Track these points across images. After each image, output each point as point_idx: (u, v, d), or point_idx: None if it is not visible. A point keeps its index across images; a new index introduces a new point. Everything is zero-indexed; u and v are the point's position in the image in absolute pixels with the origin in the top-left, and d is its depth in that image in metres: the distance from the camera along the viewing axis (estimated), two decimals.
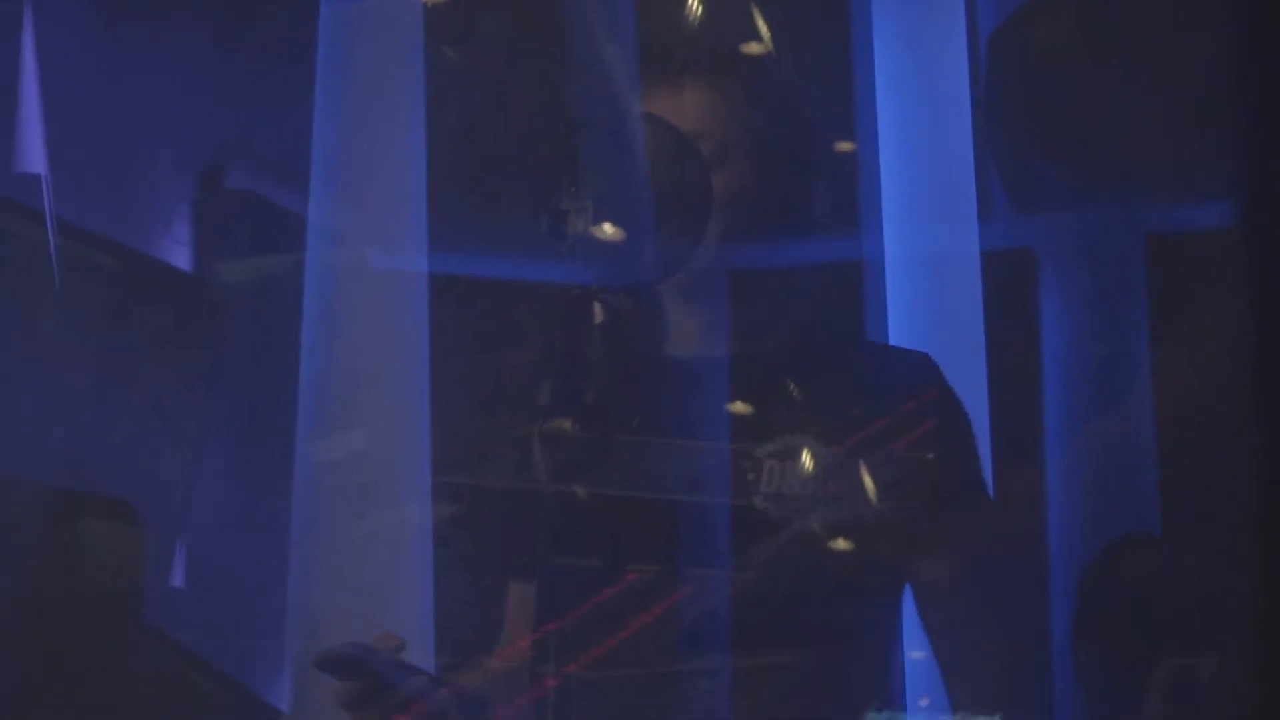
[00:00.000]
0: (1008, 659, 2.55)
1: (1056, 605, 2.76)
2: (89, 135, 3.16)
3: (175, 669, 2.67)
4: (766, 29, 2.79)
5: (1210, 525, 2.64)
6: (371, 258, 3.01)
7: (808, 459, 2.48)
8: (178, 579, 3.05)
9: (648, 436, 2.40)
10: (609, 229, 2.34)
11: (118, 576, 2.47)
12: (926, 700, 2.56)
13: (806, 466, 2.48)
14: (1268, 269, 2.69)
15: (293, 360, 2.98)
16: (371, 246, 3.02)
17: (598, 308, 2.30)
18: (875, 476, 2.49)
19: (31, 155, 3.10)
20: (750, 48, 2.84)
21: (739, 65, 2.75)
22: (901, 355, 2.75)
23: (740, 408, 2.55)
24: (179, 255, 3.25)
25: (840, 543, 2.48)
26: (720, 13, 2.88)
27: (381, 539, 2.62)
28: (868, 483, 2.51)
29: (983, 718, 2.50)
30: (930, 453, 2.49)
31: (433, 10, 3.12)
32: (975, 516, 2.57)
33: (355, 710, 2.23)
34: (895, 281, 2.99)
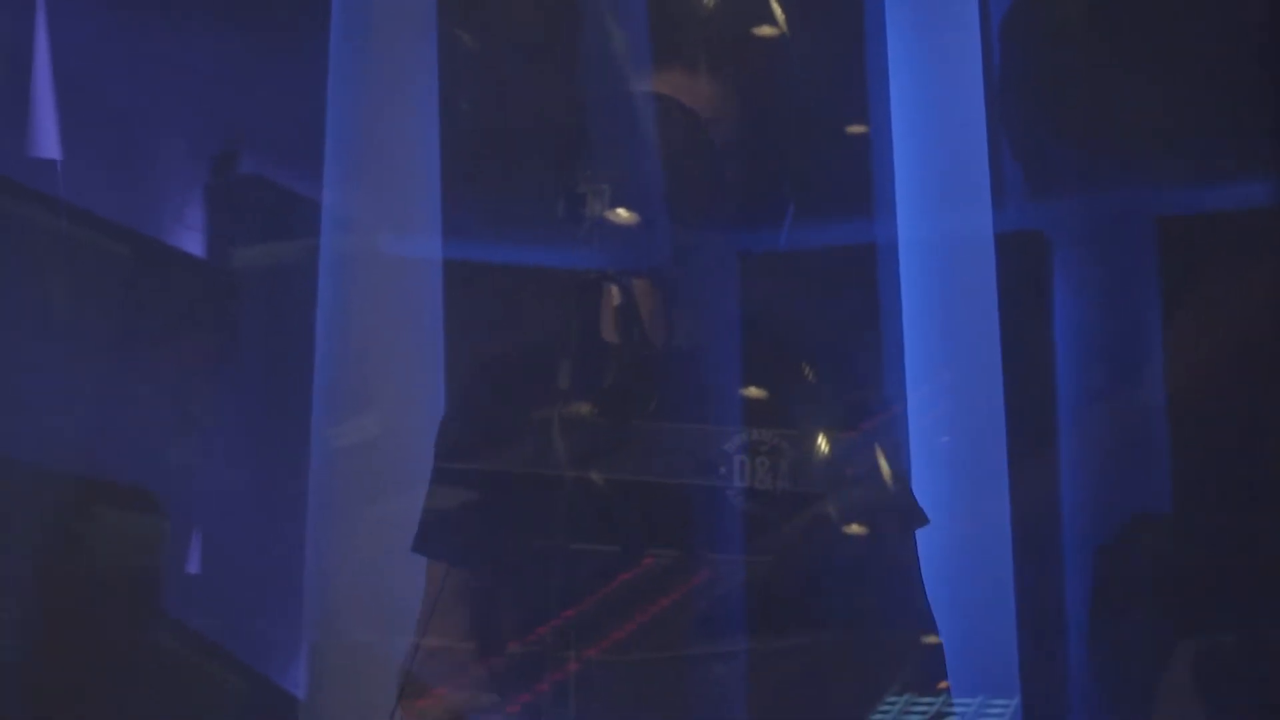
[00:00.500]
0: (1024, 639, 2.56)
1: (1072, 584, 2.76)
2: (101, 121, 3.16)
3: (191, 656, 2.68)
4: (781, 12, 2.78)
5: (1224, 504, 2.65)
6: (385, 243, 3.01)
7: (823, 442, 2.48)
8: (193, 566, 3.05)
9: (665, 421, 2.40)
10: (625, 213, 2.34)
11: (134, 564, 2.47)
12: (946, 685, 2.56)
13: (821, 450, 2.48)
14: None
15: (307, 346, 2.98)
16: (385, 232, 3.02)
17: (615, 291, 2.30)
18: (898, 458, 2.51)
19: (44, 141, 3.10)
20: (764, 30, 2.84)
21: (754, 48, 2.74)
22: None
23: (755, 392, 2.55)
24: (192, 241, 3.25)
25: (855, 526, 2.48)
26: None
27: (397, 524, 2.61)
28: (884, 465, 2.52)
29: (1000, 701, 2.51)
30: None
31: None
32: None
33: None
34: (909, 265, 2.99)
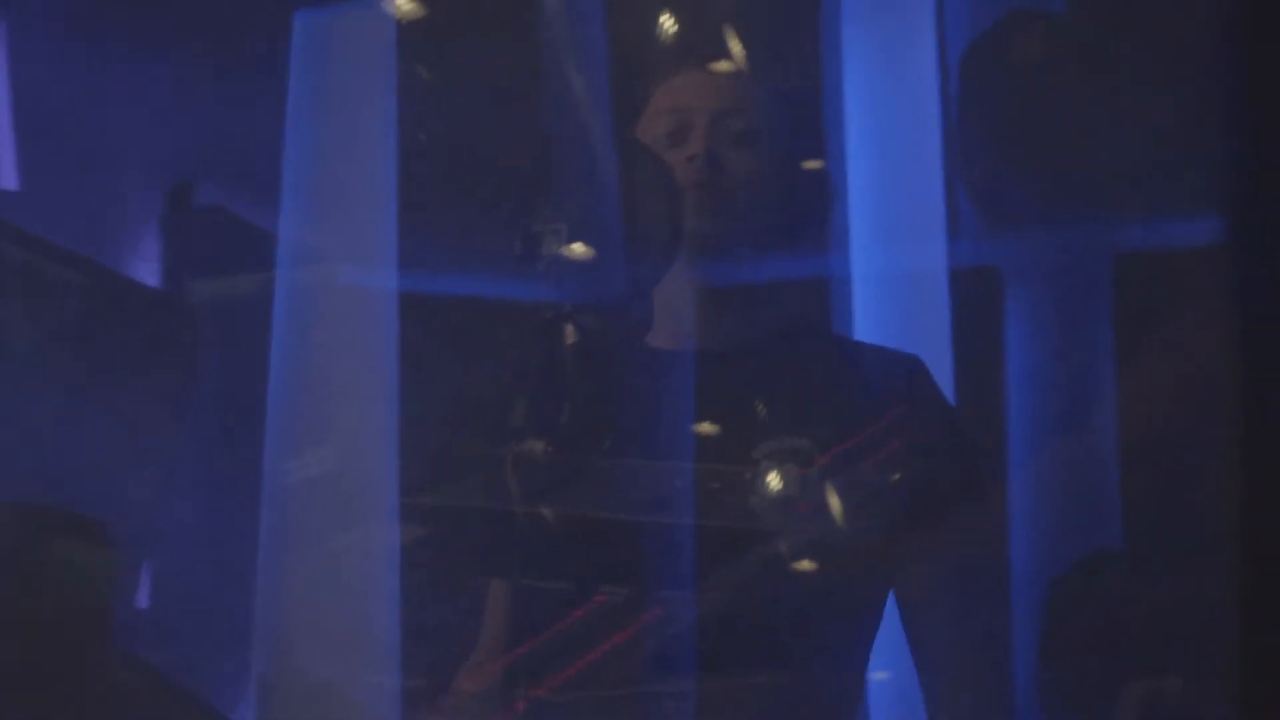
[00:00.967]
0: (983, 673, 2.56)
1: (1023, 621, 2.77)
2: (59, 150, 3.16)
3: (143, 689, 2.66)
4: (738, 48, 2.80)
5: (1176, 541, 2.65)
6: (342, 275, 3.01)
7: (792, 471, 2.49)
8: (146, 598, 3.05)
9: (621, 457, 2.41)
10: (582, 249, 2.35)
11: (86, 596, 2.46)
12: None
13: (789, 479, 2.48)
14: (1238, 286, 2.71)
15: (262, 378, 2.97)
16: (342, 264, 3.02)
17: (571, 328, 2.30)
18: (853, 493, 2.50)
19: (1, 170, 3.10)
20: (722, 67, 2.85)
21: (712, 85, 2.75)
22: (888, 357, 2.72)
23: (708, 428, 2.55)
24: (148, 272, 3.24)
25: (812, 562, 2.48)
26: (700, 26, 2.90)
27: (350, 558, 2.62)
28: (841, 501, 2.52)
29: None
30: (911, 466, 2.49)
31: (406, 26, 3.12)
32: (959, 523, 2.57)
33: None
34: (863, 298, 3.00)
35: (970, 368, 2.89)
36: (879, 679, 2.61)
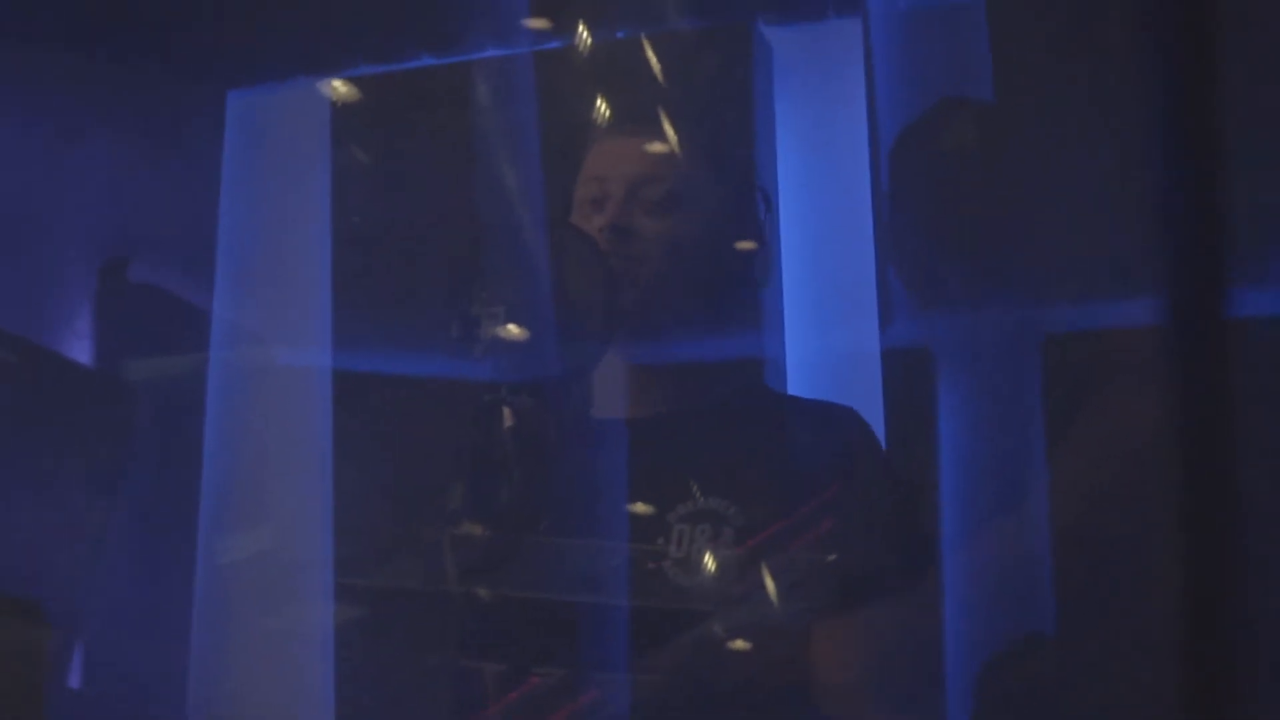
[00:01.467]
0: None
1: (953, 706, 2.77)
2: None
3: None
4: (671, 131, 2.81)
5: (1109, 626, 2.66)
6: (276, 355, 3.01)
7: (709, 560, 2.49)
8: (78, 678, 3.02)
9: (558, 536, 2.40)
10: (517, 330, 2.35)
11: (20, 675, 2.44)
12: None
13: (723, 560, 2.48)
14: (1170, 368, 2.73)
15: (196, 457, 2.96)
16: (277, 344, 3.02)
17: (508, 411, 2.30)
18: (787, 573, 2.50)
19: None
20: (656, 148, 2.87)
21: (645, 164, 2.76)
22: (825, 412, 2.70)
23: (642, 508, 2.55)
24: (81, 350, 3.23)
25: (742, 642, 2.48)
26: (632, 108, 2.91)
27: (284, 639, 2.60)
28: (775, 582, 2.52)
29: None
30: (838, 548, 2.49)
31: (340, 108, 3.12)
32: (879, 613, 2.56)
33: None
34: (796, 379, 3.01)
35: (902, 449, 2.90)
36: None
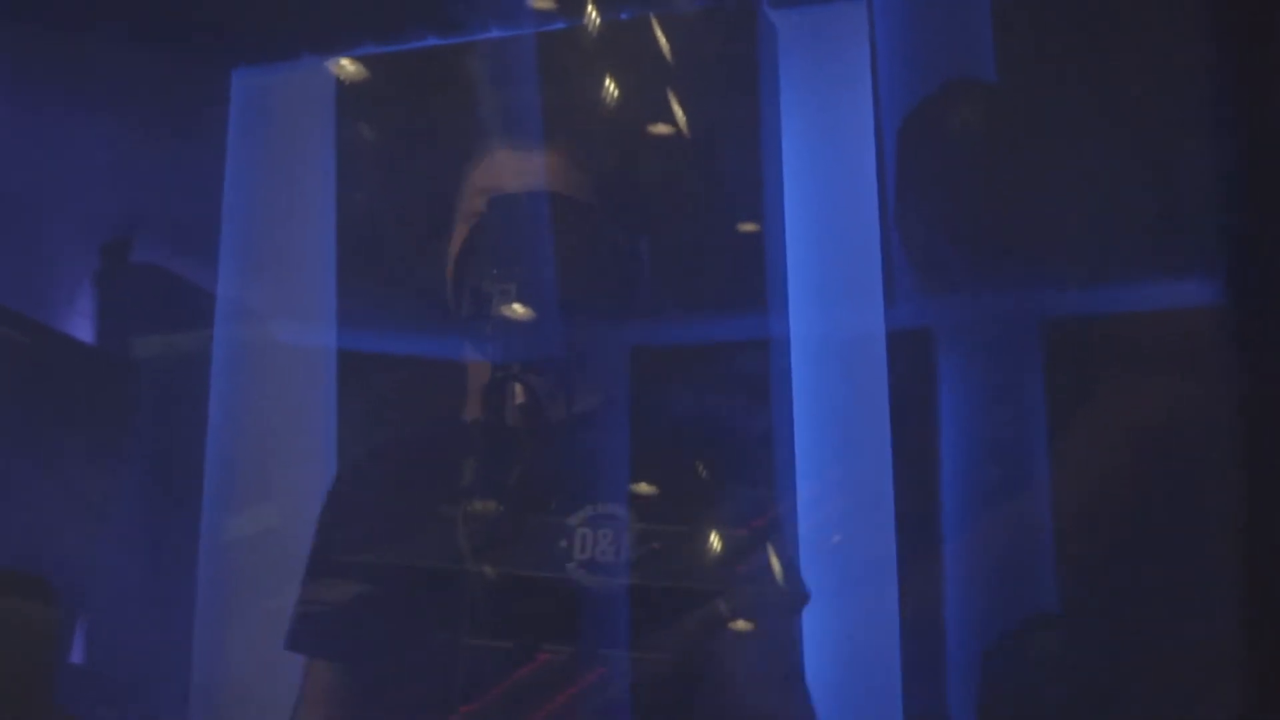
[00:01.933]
0: None
1: (959, 685, 2.78)
2: None
3: None
4: (679, 110, 2.81)
5: (1111, 606, 2.67)
6: (280, 333, 3.00)
7: (714, 538, 2.49)
8: (82, 655, 3.02)
9: (563, 516, 2.40)
10: (523, 309, 2.35)
11: (28, 652, 2.43)
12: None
13: (712, 546, 2.48)
14: (1172, 350, 2.74)
15: (200, 436, 2.96)
16: (280, 321, 3.01)
17: (519, 388, 2.30)
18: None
19: None
20: (661, 129, 2.87)
21: (651, 146, 2.76)
22: None
23: (645, 488, 2.55)
24: (85, 329, 3.22)
25: (749, 622, 2.48)
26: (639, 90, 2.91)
27: (286, 617, 2.59)
28: (775, 562, 2.52)
29: None
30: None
31: (346, 86, 3.12)
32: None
33: None
34: (801, 361, 3.01)
35: (907, 431, 2.90)
36: None
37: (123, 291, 3.25)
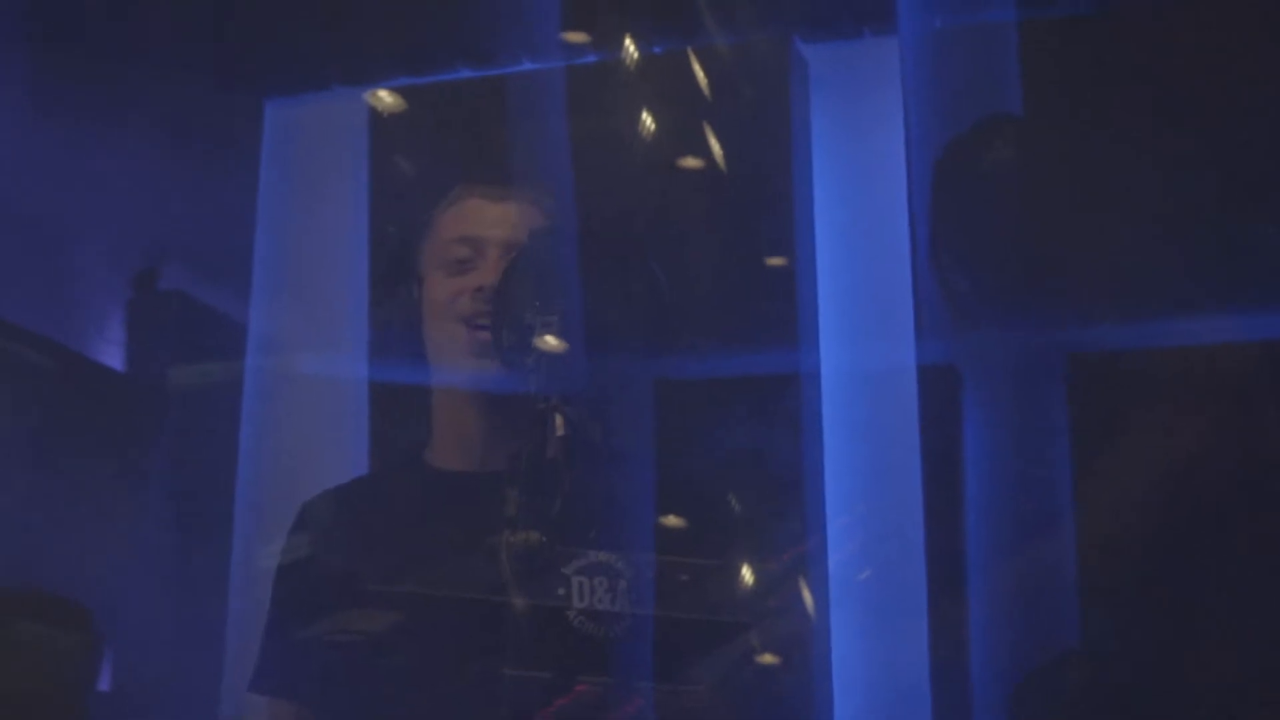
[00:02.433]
0: None
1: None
2: (25, 233, 3.14)
3: None
4: (715, 146, 2.82)
5: (1139, 642, 2.67)
6: (311, 363, 3.00)
7: (745, 572, 2.48)
8: (111, 682, 3.01)
9: (603, 549, 2.40)
10: (556, 342, 2.35)
11: (61, 678, 2.44)
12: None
13: (742, 580, 2.48)
14: (1199, 387, 2.75)
15: (231, 464, 2.96)
16: (312, 352, 3.01)
17: (560, 420, 2.30)
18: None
19: None
20: (694, 163, 2.88)
21: (685, 182, 2.76)
22: None
23: (674, 521, 2.54)
24: (115, 356, 3.22)
25: (769, 657, 2.47)
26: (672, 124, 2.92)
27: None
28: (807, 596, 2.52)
29: None
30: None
31: (378, 118, 3.13)
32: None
33: None
34: (831, 394, 3.02)
35: (937, 465, 2.90)
36: None
37: (156, 319, 3.25)
